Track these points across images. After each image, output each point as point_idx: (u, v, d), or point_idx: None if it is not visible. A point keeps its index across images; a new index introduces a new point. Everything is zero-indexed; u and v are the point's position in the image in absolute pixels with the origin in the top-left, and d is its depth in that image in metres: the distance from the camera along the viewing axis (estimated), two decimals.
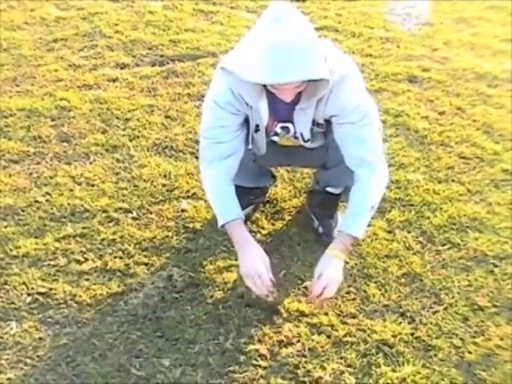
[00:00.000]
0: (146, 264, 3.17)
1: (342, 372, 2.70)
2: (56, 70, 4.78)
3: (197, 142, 3.87)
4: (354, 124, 2.76)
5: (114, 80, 4.67)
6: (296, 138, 2.92)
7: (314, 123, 2.82)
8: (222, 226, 2.86)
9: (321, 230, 3.31)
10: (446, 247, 3.31)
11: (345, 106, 2.72)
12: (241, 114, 2.79)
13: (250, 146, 2.93)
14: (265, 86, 2.65)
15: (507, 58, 5.16)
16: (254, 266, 2.74)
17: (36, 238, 3.31)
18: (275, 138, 2.99)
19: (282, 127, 2.89)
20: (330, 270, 2.75)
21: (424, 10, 6.03)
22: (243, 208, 3.12)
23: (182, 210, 3.48)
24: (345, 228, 2.84)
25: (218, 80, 2.76)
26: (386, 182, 2.95)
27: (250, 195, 3.36)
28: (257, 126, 2.83)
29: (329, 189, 3.26)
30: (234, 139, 2.86)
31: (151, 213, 3.47)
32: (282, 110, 2.78)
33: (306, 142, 2.92)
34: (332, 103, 2.71)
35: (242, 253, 2.81)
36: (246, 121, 2.84)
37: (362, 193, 2.86)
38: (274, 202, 3.55)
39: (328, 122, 2.83)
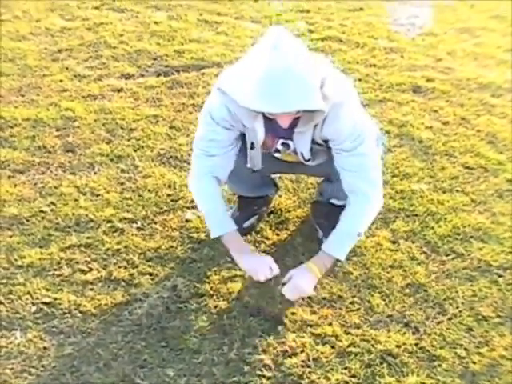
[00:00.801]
0: (151, 274, 3.17)
1: (346, 382, 2.70)
2: (61, 81, 4.79)
3: None
4: (349, 152, 2.79)
5: (119, 90, 4.68)
6: (297, 153, 2.92)
7: (314, 142, 2.82)
8: (217, 237, 2.95)
9: (325, 240, 3.30)
10: (450, 257, 3.31)
11: (339, 133, 2.74)
12: (234, 129, 2.81)
13: (248, 164, 2.93)
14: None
15: (511, 67, 5.16)
16: (260, 260, 2.92)
17: (41, 247, 3.32)
18: (277, 155, 3.00)
19: (283, 143, 2.90)
20: (300, 277, 2.86)
21: (428, 20, 6.04)
22: (247, 218, 3.14)
23: (187, 220, 3.49)
24: (329, 250, 2.90)
25: (215, 96, 2.76)
26: (377, 210, 2.99)
27: (253, 205, 3.36)
28: (252, 143, 2.83)
29: (333, 200, 3.26)
30: (225, 153, 2.89)
31: (156, 223, 3.48)
32: (280, 131, 2.77)
33: (306, 161, 2.93)
34: (327, 129, 2.72)
35: (241, 255, 2.93)
36: (243, 136, 2.85)
37: (352, 219, 2.91)
38: (279, 212, 3.56)
39: (327, 141, 2.84)
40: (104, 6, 6.03)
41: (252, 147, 2.85)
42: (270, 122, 2.71)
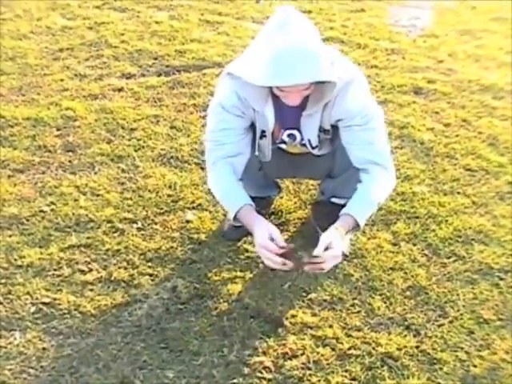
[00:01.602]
0: (151, 275, 3.16)
1: None
2: (62, 80, 4.79)
3: (202, 152, 3.86)
4: (360, 126, 2.80)
5: (120, 90, 4.68)
6: (303, 145, 2.93)
7: (321, 129, 2.83)
8: (235, 218, 2.84)
9: None
10: (451, 260, 3.30)
11: (350, 110, 2.75)
12: (246, 117, 2.81)
13: (257, 153, 2.93)
14: (271, 90, 2.66)
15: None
16: (260, 240, 2.70)
17: (40, 247, 3.31)
18: (283, 146, 3.00)
19: (289, 135, 2.91)
20: (337, 245, 2.69)
21: (429, 22, 6.03)
22: None
23: (187, 221, 3.48)
24: (352, 211, 2.80)
25: (224, 85, 2.78)
26: (393, 185, 2.97)
27: (255, 206, 3.35)
28: (262, 131, 2.83)
29: (334, 200, 3.25)
30: (239, 142, 2.87)
31: (156, 223, 3.47)
32: (288, 117, 2.79)
33: (313, 148, 2.93)
34: (338, 108, 2.74)
35: (253, 232, 2.77)
36: (253, 126, 2.84)
37: (372, 186, 2.85)
38: (279, 213, 3.55)
39: (334, 127, 2.85)
40: (105, 5, 6.03)
41: (262, 136, 2.86)
42: (279, 107, 2.73)
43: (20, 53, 5.17)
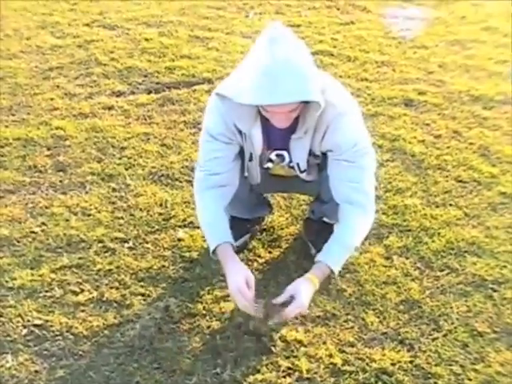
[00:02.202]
0: (143, 294, 3.15)
1: None
2: (52, 99, 4.79)
3: (193, 169, 3.84)
4: (348, 162, 2.77)
5: (110, 108, 4.67)
6: (291, 167, 2.91)
7: (311, 153, 2.81)
8: (214, 252, 2.85)
9: None
10: (444, 273, 3.29)
11: (341, 144, 2.73)
12: (234, 143, 2.79)
13: (246, 174, 2.92)
14: (259, 112, 2.64)
15: (502, 79, 5.16)
16: (235, 283, 2.71)
17: (32, 269, 3.29)
18: (269, 165, 2.97)
19: (277, 155, 2.89)
20: (304, 296, 2.72)
21: (419, 33, 6.05)
22: (240, 237, 3.12)
23: (179, 239, 3.47)
24: (326, 259, 2.84)
25: (211, 110, 2.77)
26: (371, 224, 2.95)
27: (246, 224, 3.35)
28: (250, 154, 2.82)
29: (325, 219, 3.24)
30: (229, 171, 2.87)
31: (147, 242, 3.45)
32: (277, 139, 2.77)
33: (302, 172, 2.91)
34: (328, 138, 2.71)
35: (227, 273, 2.79)
36: (241, 151, 2.83)
37: (349, 230, 2.88)
38: (271, 229, 3.54)
39: (324, 154, 2.83)
40: (94, 23, 6.05)
41: (250, 159, 2.85)
42: (267, 129, 2.71)
43: (10, 72, 5.17)
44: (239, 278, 2.71)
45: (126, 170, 4.00)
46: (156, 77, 5.10)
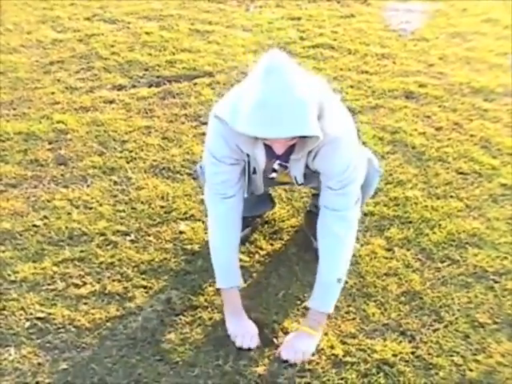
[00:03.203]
0: (145, 287, 3.16)
1: None
2: (53, 93, 4.78)
3: (194, 162, 3.89)
4: (335, 191, 2.77)
5: (111, 102, 4.67)
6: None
7: (308, 167, 2.80)
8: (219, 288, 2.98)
9: None
10: (445, 264, 3.30)
11: (330, 169, 2.73)
12: (239, 162, 2.79)
13: (246, 195, 2.93)
14: None
15: (503, 71, 5.16)
16: (246, 328, 2.91)
17: (34, 262, 3.30)
18: (273, 175, 2.95)
19: (280, 164, 2.86)
20: (298, 344, 2.83)
21: (419, 25, 6.04)
22: (241, 230, 3.11)
23: (180, 232, 3.47)
24: (317, 307, 2.88)
25: (213, 132, 2.74)
26: (351, 252, 2.93)
27: (248, 217, 3.34)
28: (254, 168, 2.82)
29: None
30: (239, 190, 2.87)
31: (149, 235, 3.46)
32: (277, 156, 2.74)
33: (299, 185, 2.93)
34: (319, 161, 2.70)
35: (232, 318, 2.94)
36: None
37: (328, 268, 2.88)
38: (272, 222, 3.55)
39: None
40: (95, 17, 6.03)
41: (254, 172, 2.85)
42: (268, 148, 2.66)
43: (11, 67, 5.17)
44: (247, 341, 2.87)
45: (128, 163, 4.01)
46: (157, 70, 5.10)
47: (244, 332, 2.88)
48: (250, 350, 2.85)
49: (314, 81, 2.52)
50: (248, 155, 2.73)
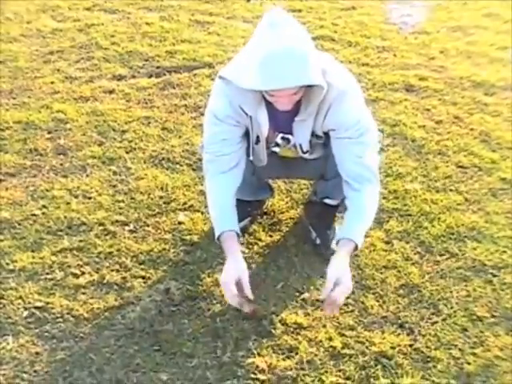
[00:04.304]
0: (143, 277, 3.15)
1: None
2: (52, 83, 4.78)
3: (194, 153, 3.89)
4: (351, 139, 2.76)
5: (111, 92, 4.67)
6: (296, 147, 2.91)
7: (313, 135, 2.81)
8: (218, 238, 2.84)
9: (318, 241, 3.30)
10: (444, 257, 3.30)
11: (343, 122, 2.72)
12: (241, 125, 2.79)
13: (251, 158, 2.92)
14: (263, 95, 2.64)
15: (504, 65, 5.16)
16: (226, 277, 2.70)
17: (33, 251, 3.29)
18: (276, 149, 2.97)
19: (283, 138, 2.88)
20: (347, 277, 2.67)
21: (420, 19, 6.03)
22: (240, 220, 3.12)
23: (179, 223, 3.47)
24: (350, 235, 2.78)
25: (217, 92, 2.76)
26: (378, 201, 2.93)
27: (247, 207, 3.35)
28: (257, 137, 2.82)
29: (327, 200, 3.24)
30: (237, 151, 2.86)
31: (148, 225, 3.46)
32: (281, 122, 2.76)
33: (304, 153, 2.91)
34: (331, 118, 2.70)
35: (226, 263, 2.78)
36: (247, 133, 2.83)
37: (363, 205, 2.84)
38: (272, 213, 3.54)
39: (327, 134, 2.82)
40: (95, 7, 6.03)
41: (257, 141, 2.84)
42: (272, 112, 2.70)
43: (10, 56, 5.16)
44: (230, 275, 2.70)
45: (127, 153, 4.00)
46: (157, 61, 5.10)
47: (223, 283, 2.72)
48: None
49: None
50: (251, 120, 2.73)
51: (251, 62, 2.45)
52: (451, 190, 3.74)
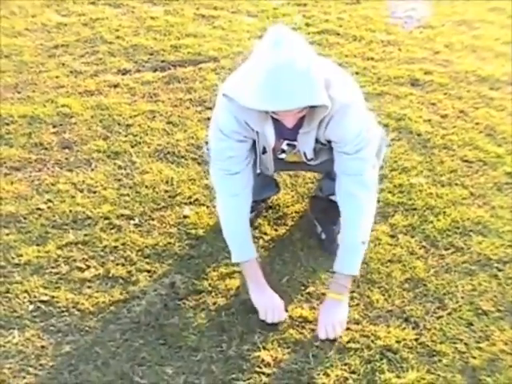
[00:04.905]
0: (149, 271, 3.16)
1: (346, 379, 2.68)
2: (57, 77, 4.78)
3: (199, 147, 3.88)
4: (350, 155, 2.76)
5: (116, 86, 4.67)
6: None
7: (318, 141, 2.80)
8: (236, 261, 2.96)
9: (323, 235, 3.30)
10: (449, 251, 3.30)
11: (344, 136, 2.71)
12: (248, 140, 2.77)
13: (259, 171, 2.93)
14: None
15: (509, 60, 5.14)
16: (272, 301, 2.91)
17: (38, 245, 3.30)
18: (283, 156, 2.96)
19: (288, 144, 2.87)
20: (331, 316, 2.84)
21: (425, 13, 6.02)
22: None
23: (185, 217, 3.47)
24: (342, 270, 2.88)
25: (222, 108, 2.72)
26: (372, 214, 2.93)
27: (252, 203, 3.34)
28: (264, 148, 2.81)
29: (332, 197, 3.24)
30: (245, 168, 2.85)
31: (153, 219, 3.46)
32: (286, 132, 2.74)
33: (309, 160, 2.91)
34: (332, 130, 2.69)
35: (257, 290, 2.93)
36: (253, 144, 2.83)
37: (352, 230, 2.89)
38: (277, 207, 3.54)
39: (330, 141, 2.82)
40: (100, 1, 6.02)
41: (264, 151, 2.84)
42: (277, 123, 2.67)
43: (15, 50, 5.16)
44: (275, 315, 2.90)
45: (132, 147, 4.00)
46: (162, 55, 5.09)
47: (272, 306, 2.90)
48: (276, 324, 2.90)
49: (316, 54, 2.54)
50: (257, 133, 2.72)
51: (254, 80, 2.40)
52: (456, 184, 3.74)
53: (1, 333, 2.87)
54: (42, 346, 2.82)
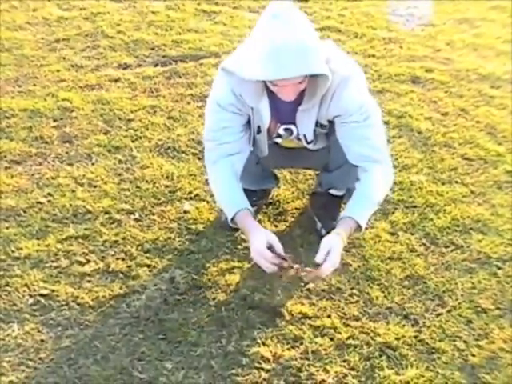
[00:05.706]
0: (149, 266, 3.16)
1: (345, 375, 2.69)
2: (58, 71, 4.77)
3: (199, 142, 3.88)
4: (358, 123, 2.76)
5: (117, 80, 4.66)
6: (299, 139, 2.91)
7: (318, 124, 2.81)
8: (232, 219, 2.83)
9: (323, 231, 3.29)
10: (449, 249, 3.30)
11: (348, 107, 2.72)
12: (243, 114, 2.79)
13: (252, 148, 2.92)
14: (266, 86, 2.64)
15: (510, 58, 5.14)
16: (256, 246, 2.69)
17: (38, 239, 3.30)
18: (278, 140, 2.98)
19: (285, 129, 2.89)
20: (336, 253, 2.66)
21: (427, 11, 6.01)
22: None
23: (185, 212, 3.47)
24: (352, 213, 2.78)
25: (220, 82, 2.76)
26: (392, 178, 2.95)
27: (252, 197, 3.33)
28: (258, 127, 2.82)
29: (332, 191, 3.25)
30: (238, 140, 2.86)
31: (154, 214, 3.46)
32: (284, 112, 2.77)
33: (308, 143, 2.91)
34: (335, 104, 2.70)
35: (249, 239, 2.77)
36: (249, 122, 2.83)
37: (371, 186, 2.83)
38: (277, 203, 3.54)
39: (331, 122, 2.82)
40: None
41: (258, 131, 2.84)
42: (274, 103, 2.70)
43: (16, 44, 5.15)
44: (259, 240, 2.69)
45: (133, 142, 4.00)
46: (163, 50, 5.08)
47: (256, 255, 2.70)
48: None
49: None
50: (252, 110, 2.74)
51: (254, 53, 2.45)
52: (457, 182, 3.74)
53: (0, 326, 2.87)
54: (42, 340, 2.82)
